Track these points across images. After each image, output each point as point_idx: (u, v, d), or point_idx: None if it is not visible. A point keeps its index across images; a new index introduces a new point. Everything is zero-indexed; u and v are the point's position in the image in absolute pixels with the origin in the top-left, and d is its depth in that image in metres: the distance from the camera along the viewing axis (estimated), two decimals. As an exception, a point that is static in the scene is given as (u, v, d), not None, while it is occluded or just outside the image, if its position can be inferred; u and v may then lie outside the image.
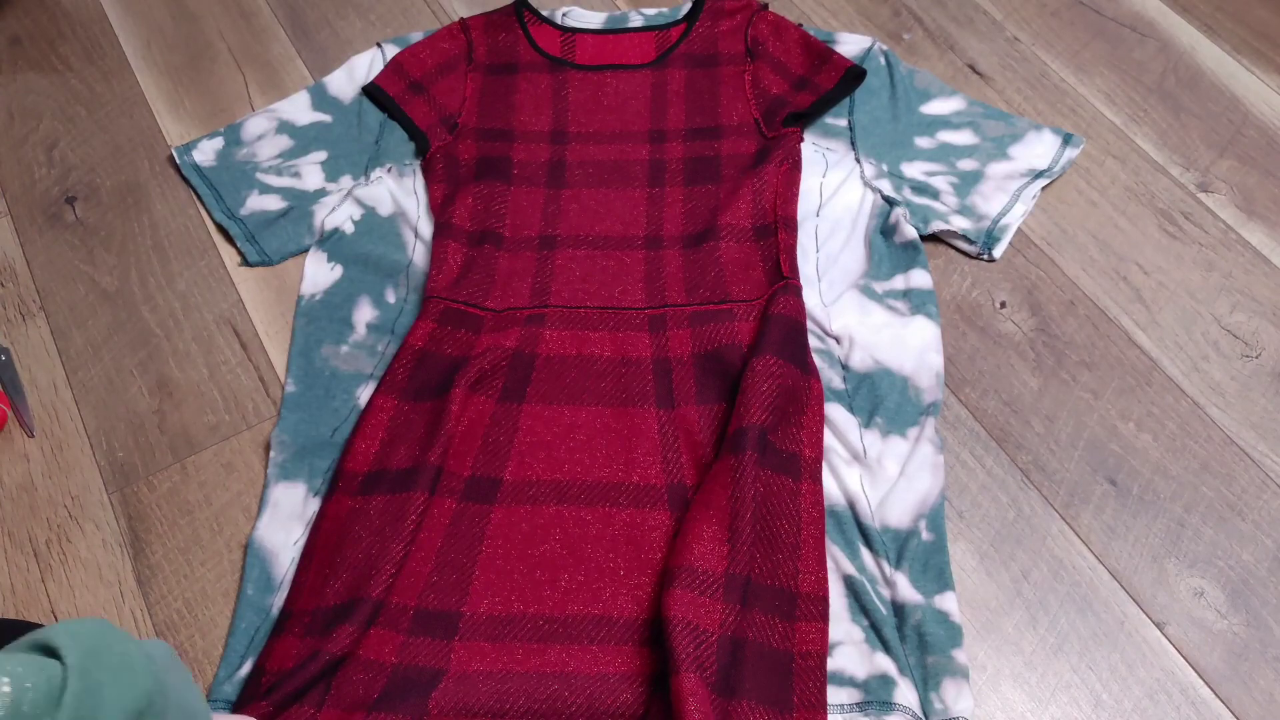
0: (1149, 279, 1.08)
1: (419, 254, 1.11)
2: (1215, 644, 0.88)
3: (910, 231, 1.08)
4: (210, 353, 1.08)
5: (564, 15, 1.29)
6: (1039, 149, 1.15)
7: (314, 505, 0.95)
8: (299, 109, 1.24)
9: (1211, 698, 0.85)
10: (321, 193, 1.16)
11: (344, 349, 1.05)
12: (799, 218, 1.10)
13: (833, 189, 1.12)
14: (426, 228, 1.12)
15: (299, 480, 0.96)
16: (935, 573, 0.89)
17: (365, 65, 1.26)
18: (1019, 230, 1.12)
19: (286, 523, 0.94)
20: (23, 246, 1.17)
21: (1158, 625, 0.89)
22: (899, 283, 1.06)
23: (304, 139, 1.21)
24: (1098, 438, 0.98)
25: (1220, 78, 1.24)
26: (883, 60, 1.22)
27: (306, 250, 1.13)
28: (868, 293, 1.05)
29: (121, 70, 1.33)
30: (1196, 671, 0.86)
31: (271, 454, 0.98)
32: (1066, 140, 1.16)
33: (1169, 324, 1.05)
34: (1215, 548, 0.92)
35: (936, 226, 1.09)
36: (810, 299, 1.05)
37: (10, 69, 1.33)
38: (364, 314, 1.07)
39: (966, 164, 1.14)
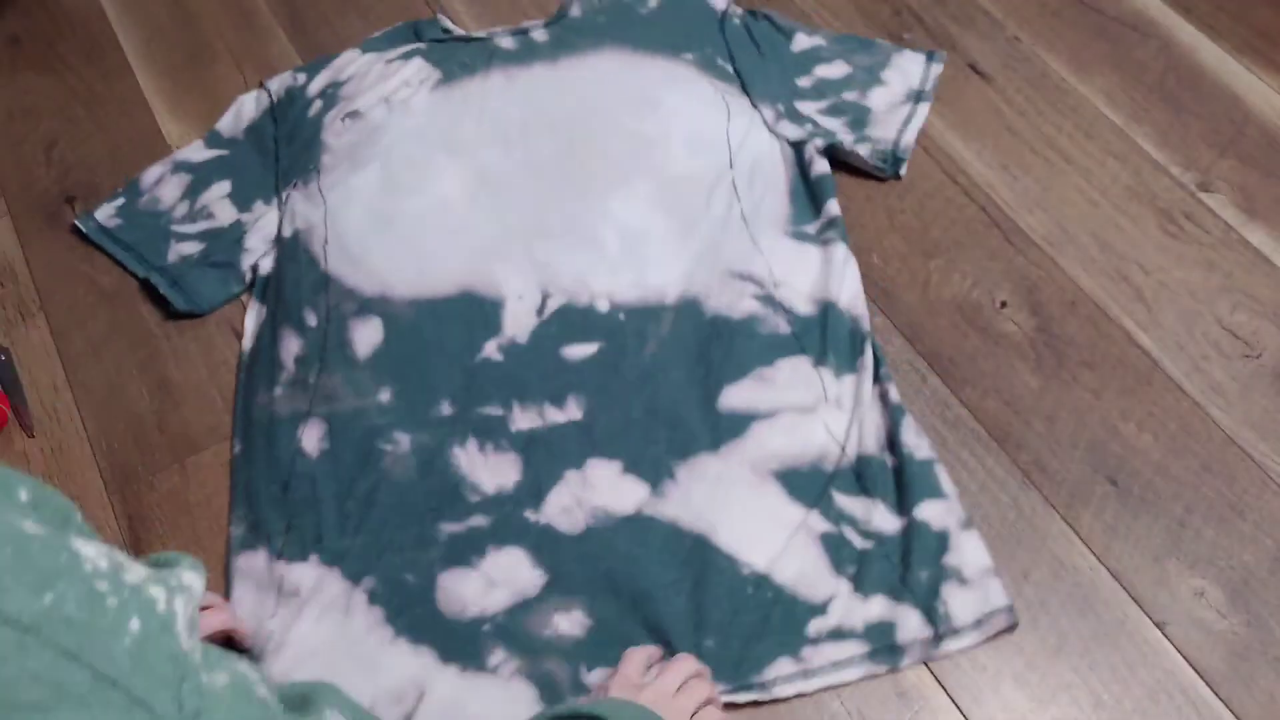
0: (1150, 279, 1.08)
1: (334, 260, 1.06)
2: (1216, 644, 0.87)
3: (823, 165, 1.12)
4: (210, 353, 1.08)
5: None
6: (909, 68, 1.23)
7: (280, 568, 0.91)
8: (194, 151, 1.21)
9: (1212, 698, 0.85)
10: (238, 226, 1.11)
11: (278, 391, 1.00)
12: (715, 175, 1.12)
13: (740, 139, 1.14)
14: (338, 230, 1.08)
15: (259, 548, 0.93)
16: (908, 490, 0.91)
17: (252, 104, 1.23)
18: (1019, 229, 1.12)
19: (258, 594, 0.90)
20: (23, 246, 1.17)
21: (1158, 625, 0.88)
22: (822, 219, 1.09)
23: (204, 173, 1.17)
24: (1098, 438, 0.98)
25: (1221, 77, 1.24)
26: (738, 21, 1.26)
27: (237, 296, 1.10)
28: (799, 236, 1.09)
29: (121, 70, 1.33)
30: (1197, 672, 0.86)
31: (231, 529, 0.95)
32: (930, 57, 1.24)
33: (1170, 324, 1.05)
34: (1216, 548, 0.92)
35: (846, 149, 1.15)
36: (742, 247, 1.07)
37: (10, 69, 1.33)
38: (290, 347, 1.02)
39: (850, 96, 1.20)
